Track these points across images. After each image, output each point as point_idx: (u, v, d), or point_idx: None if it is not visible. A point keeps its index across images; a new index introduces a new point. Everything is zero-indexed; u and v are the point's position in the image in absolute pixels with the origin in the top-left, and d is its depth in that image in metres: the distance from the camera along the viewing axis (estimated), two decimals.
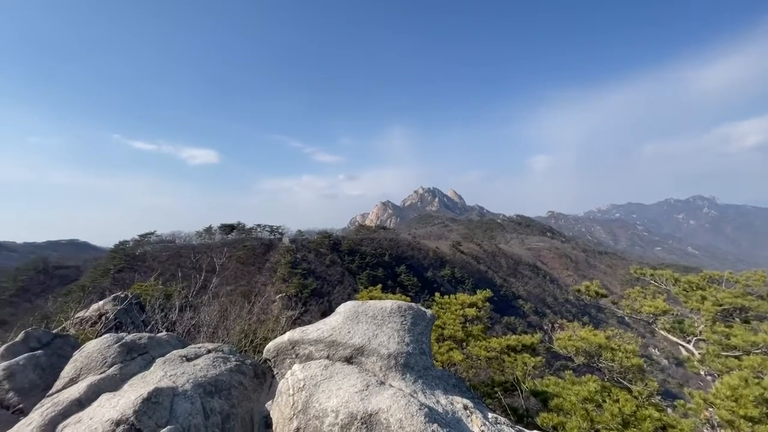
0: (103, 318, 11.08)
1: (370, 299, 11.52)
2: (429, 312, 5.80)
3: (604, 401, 6.42)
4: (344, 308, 5.55)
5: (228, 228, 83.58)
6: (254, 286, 65.13)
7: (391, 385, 4.32)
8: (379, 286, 12.00)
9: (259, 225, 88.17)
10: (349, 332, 5.05)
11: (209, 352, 4.99)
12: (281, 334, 11.08)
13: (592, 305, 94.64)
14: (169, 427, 3.30)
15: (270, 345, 5.02)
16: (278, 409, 4.16)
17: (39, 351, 4.58)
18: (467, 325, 10.29)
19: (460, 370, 8.68)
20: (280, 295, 69.09)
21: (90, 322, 11.06)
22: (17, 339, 4.75)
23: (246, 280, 64.89)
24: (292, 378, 4.32)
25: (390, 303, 5.55)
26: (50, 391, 3.94)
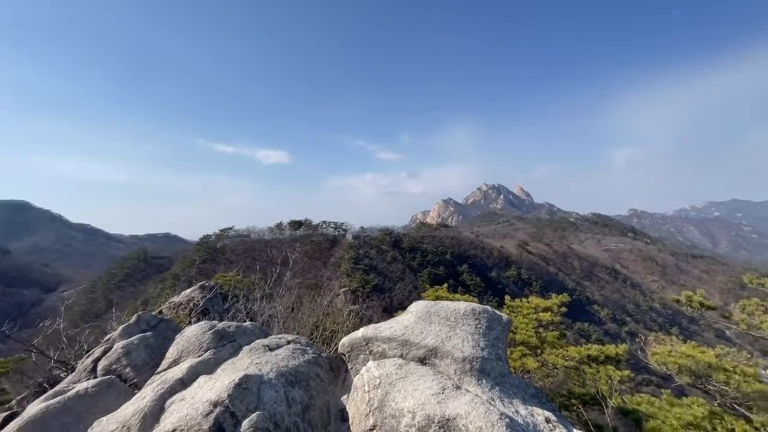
0: (191, 304, 12.32)
1: (437, 299, 11.37)
2: (505, 316, 5.52)
3: (715, 429, 5.54)
4: (416, 308, 5.50)
5: (296, 224, 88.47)
6: (320, 279, 68.22)
7: (467, 390, 4.17)
8: (445, 285, 11.79)
9: (324, 221, 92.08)
10: (421, 332, 4.99)
11: (288, 343, 5.24)
12: (346, 328, 11.42)
13: (683, 315, 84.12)
14: (258, 412, 3.51)
15: (344, 340, 5.14)
16: (354, 405, 4.24)
17: (148, 333, 5.23)
18: (541, 330, 9.68)
19: (535, 378, 8.19)
20: (344, 289, 71.54)
21: (181, 307, 12.37)
22: (131, 321, 5.47)
23: (312, 274, 68.16)
24: (367, 374, 4.38)
25: (463, 305, 5.38)
26: (158, 369, 4.44)
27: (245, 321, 6.57)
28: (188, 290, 13.48)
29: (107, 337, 5.45)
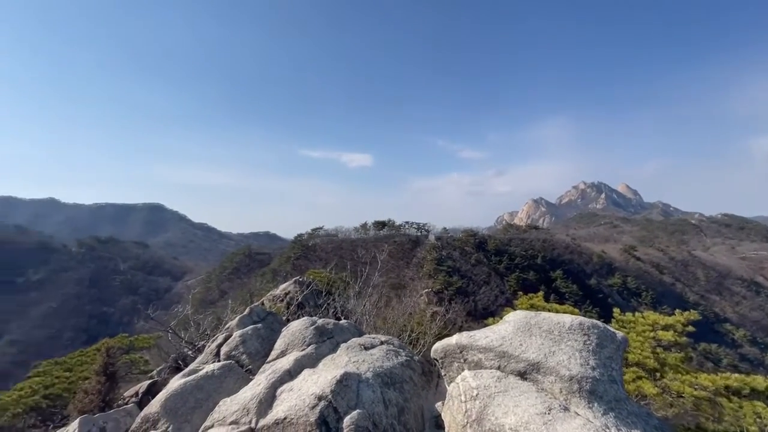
0: (288, 297, 13.39)
1: (531, 307, 10.62)
2: (619, 334, 4.89)
3: None
4: (514, 317, 5.17)
5: (380, 224, 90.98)
6: (402, 279, 69.07)
7: (576, 413, 3.78)
8: (541, 293, 10.93)
9: (407, 222, 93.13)
10: (521, 345, 4.67)
11: (382, 343, 5.35)
12: (431, 331, 11.27)
13: None
14: (358, 410, 3.62)
15: (437, 345, 5.06)
16: (450, 414, 4.14)
17: (259, 324, 5.83)
18: (659, 351, 8.37)
19: (654, 406, 7.10)
20: (427, 290, 71.33)
21: (279, 299, 13.53)
22: (245, 313, 6.18)
23: (395, 274, 69.35)
24: (463, 384, 4.24)
25: (569, 318, 4.91)
26: (268, 359, 4.90)
27: (340, 318, 6.90)
28: (285, 284, 14.71)
29: (227, 325, 6.20)
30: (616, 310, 9.35)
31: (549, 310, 9.82)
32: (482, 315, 60.93)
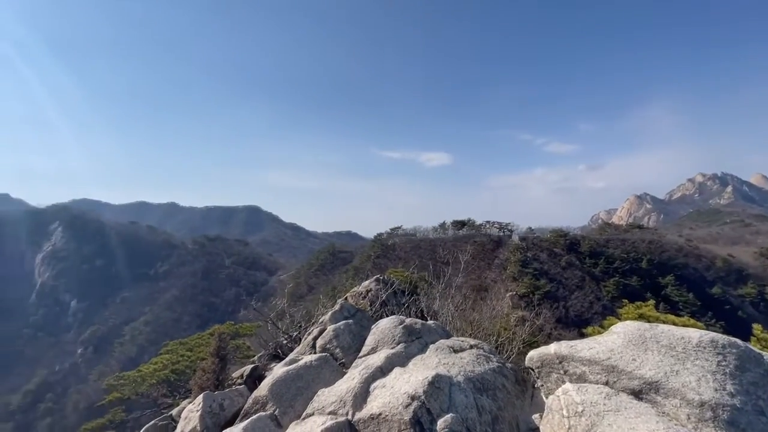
0: (369, 294, 13.77)
1: (639, 318, 9.39)
2: (767, 355, 4.06)
3: None
4: (623, 329, 4.61)
5: (460, 224, 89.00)
6: (484, 281, 66.62)
7: None
8: (652, 302, 9.59)
9: (488, 221, 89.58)
10: (634, 360, 4.14)
11: (471, 347, 5.19)
12: (518, 336, 10.62)
13: None
14: (451, 414, 3.56)
15: (533, 354, 4.74)
16: (550, 428, 3.85)
17: (350, 320, 6.13)
18: None
19: None
20: (510, 293, 67.73)
21: (361, 296, 13.99)
22: (336, 308, 6.55)
23: (477, 275, 67.18)
24: (565, 398, 3.91)
25: (695, 333, 4.21)
26: (360, 354, 5.10)
27: (426, 318, 6.89)
28: (367, 282, 15.19)
29: (320, 319, 6.61)
30: (756, 327, 7.77)
31: (664, 322, 8.59)
32: (574, 323, 55.81)
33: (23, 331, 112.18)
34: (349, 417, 3.75)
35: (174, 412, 10.74)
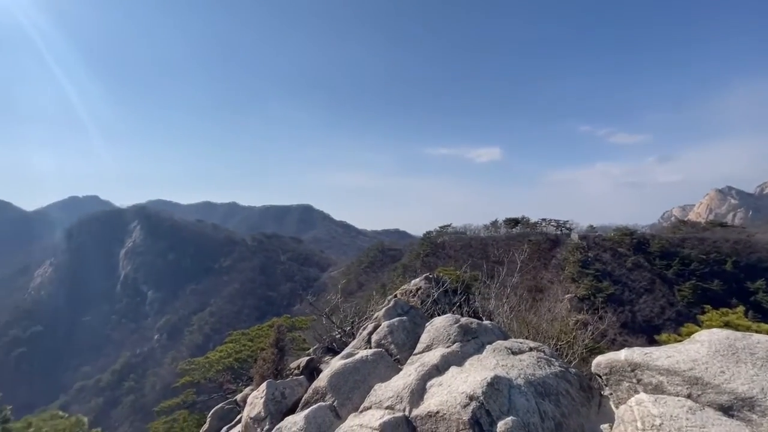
0: (419, 292, 13.70)
1: (725, 325, 8.39)
2: None
3: None
4: (709, 337, 4.17)
5: (512, 222, 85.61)
6: (539, 282, 63.56)
7: None
8: (740, 309, 8.50)
9: (544, 219, 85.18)
10: (722, 372, 3.72)
11: (531, 350, 4.98)
12: (579, 340, 9.97)
13: None
14: (512, 417, 3.44)
15: (600, 360, 4.44)
16: None
17: (404, 317, 6.16)
18: None
19: None
20: (569, 295, 63.91)
21: (411, 294, 13.95)
22: (389, 305, 6.61)
23: (532, 275, 64.26)
24: (639, 409, 3.61)
25: None
26: (414, 351, 5.11)
27: (482, 318, 6.72)
28: (416, 280, 15.13)
29: (374, 314, 6.71)
30: None
31: (756, 332, 7.61)
32: (642, 329, 51.37)
33: (111, 317, 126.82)
34: (406, 413, 3.77)
35: (238, 397, 11.51)
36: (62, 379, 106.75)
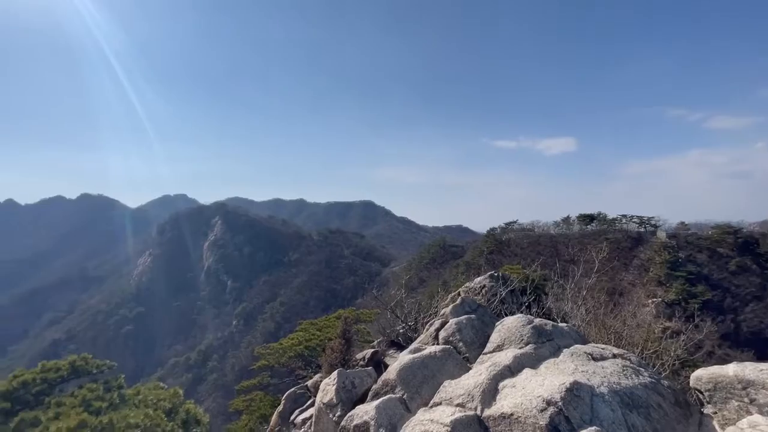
0: (483, 290, 13.24)
1: None
2: None
3: None
4: None
5: (587, 218, 79.17)
6: (618, 283, 58.18)
7: None
8: None
9: (624, 215, 77.50)
10: None
11: (614, 356, 4.60)
12: (670, 351, 8.92)
13: None
14: (595, 427, 3.22)
15: (701, 374, 3.97)
16: None
17: (472, 315, 6.04)
18: None
19: None
20: (654, 300, 57.61)
21: (474, 292, 13.55)
22: (457, 302, 6.53)
23: (609, 276, 58.98)
24: None
25: None
26: (484, 350, 4.99)
27: (556, 320, 6.35)
28: (480, 278, 14.65)
29: (441, 311, 6.67)
30: None
31: None
32: (749, 342, 44.54)
33: (197, 303, 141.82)
34: (478, 412, 3.70)
35: (309, 383, 12.19)
36: (159, 354, 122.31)
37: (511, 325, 5.00)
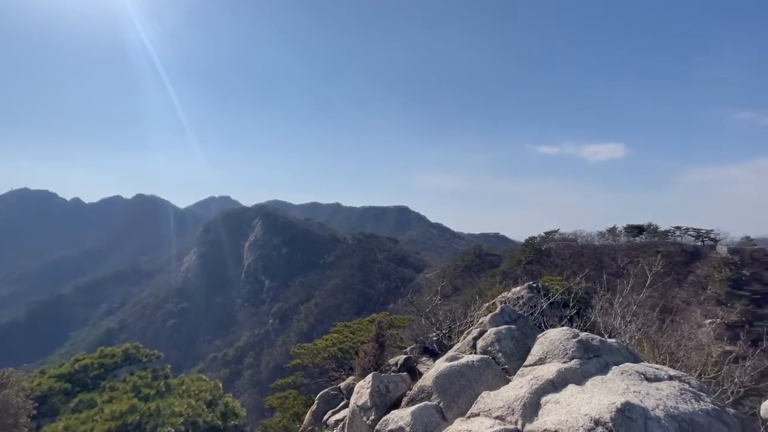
0: (520, 301, 12.74)
1: None
2: None
3: None
4: None
5: (635, 229, 74.41)
6: (670, 300, 54.06)
7: None
8: None
9: (678, 227, 72.04)
10: None
11: (671, 378, 4.27)
12: (721, 375, 8.12)
13: None
14: None
15: None
16: None
17: (512, 325, 5.83)
18: None
19: None
20: (712, 320, 52.92)
21: (511, 303, 13.07)
22: (496, 311, 6.33)
23: (659, 293, 54.97)
24: None
25: None
26: (525, 363, 4.79)
27: (604, 335, 5.99)
28: (517, 288, 14.12)
29: (480, 320, 6.50)
30: None
31: None
32: None
33: (237, 300, 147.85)
34: (518, 426, 3.55)
35: (342, 385, 12.29)
36: (199, 348, 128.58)
37: (554, 337, 4.77)
